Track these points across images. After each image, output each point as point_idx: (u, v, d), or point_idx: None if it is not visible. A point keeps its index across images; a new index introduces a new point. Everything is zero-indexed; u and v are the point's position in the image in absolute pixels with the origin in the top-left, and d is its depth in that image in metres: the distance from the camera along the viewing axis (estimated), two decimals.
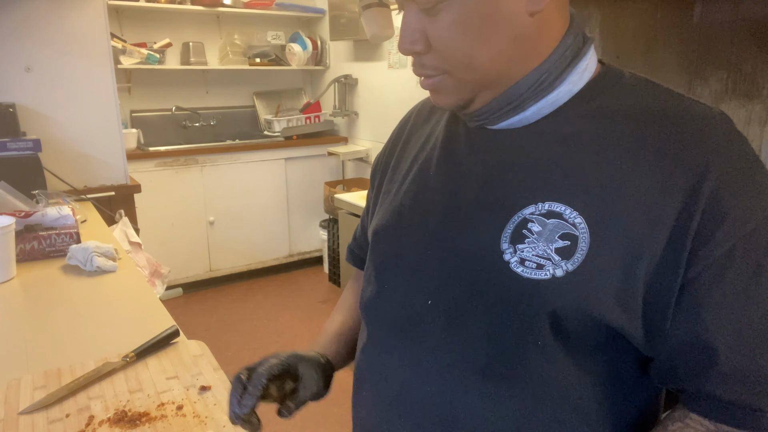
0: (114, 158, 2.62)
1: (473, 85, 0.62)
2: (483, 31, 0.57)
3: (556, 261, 0.57)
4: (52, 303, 1.40)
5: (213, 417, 0.87)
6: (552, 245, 0.57)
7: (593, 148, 0.59)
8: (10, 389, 0.96)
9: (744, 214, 0.54)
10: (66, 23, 2.42)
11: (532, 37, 0.59)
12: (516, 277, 0.58)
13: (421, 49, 0.60)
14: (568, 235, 0.57)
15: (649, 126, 0.59)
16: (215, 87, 4.43)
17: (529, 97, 0.62)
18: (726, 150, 0.56)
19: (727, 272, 0.54)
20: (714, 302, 0.54)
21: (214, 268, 4.02)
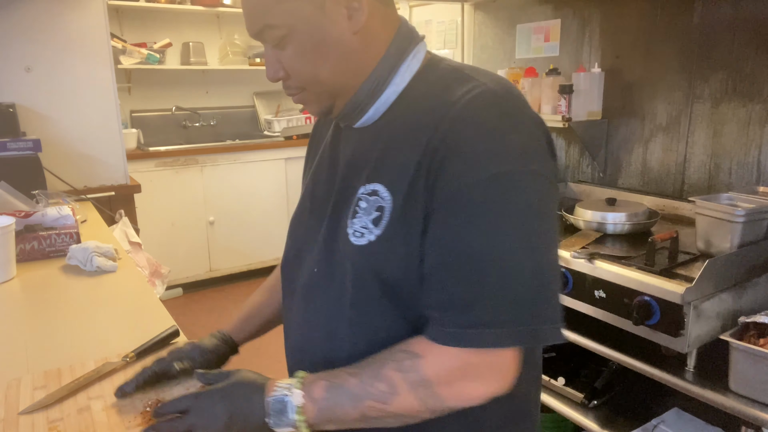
0: (114, 158, 2.62)
1: (326, 96, 0.77)
2: (319, 54, 0.73)
3: (370, 228, 0.73)
4: (52, 303, 1.40)
5: None
6: (370, 217, 0.73)
7: (397, 133, 0.74)
8: (10, 389, 0.96)
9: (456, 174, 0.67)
10: (66, 23, 2.42)
11: (359, 50, 0.74)
12: (351, 244, 0.74)
13: (282, 75, 0.76)
14: (380, 207, 0.72)
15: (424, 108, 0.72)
16: (215, 87, 4.43)
17: (367, 101, 0.77)
18: (459, 119, 0.68)
19: (444, 217, 0.68)
20: (433, 241, 0.69)
21: (214, 268, 4.02)
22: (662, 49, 2.00)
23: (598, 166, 2.29)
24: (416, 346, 0.71)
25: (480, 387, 0.69)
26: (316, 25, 0.71)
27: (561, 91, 2.10)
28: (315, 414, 0.71)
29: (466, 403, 0.70)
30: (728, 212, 1.46)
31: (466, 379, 0.69)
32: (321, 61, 0.74)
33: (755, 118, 1.77)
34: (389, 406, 0.69)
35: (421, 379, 0.68)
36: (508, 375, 0.69)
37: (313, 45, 0.73)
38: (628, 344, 1.55)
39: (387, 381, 0.69)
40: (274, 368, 2.90)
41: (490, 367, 0.69)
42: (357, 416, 0.71)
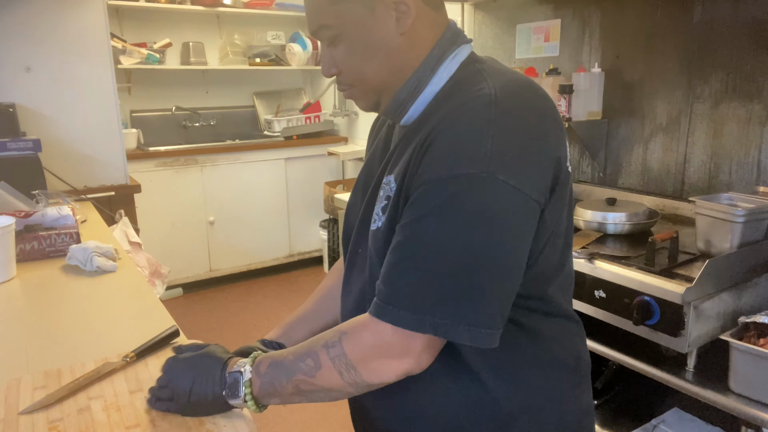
0: (114, 158, 2.62)
1: (373, 93, 0.83)
2: (366, 53, 0.79)
3: (380, 215, 0.79)
4: (52, 303, 1.40)
5: (213, 417, 0.87)
6: (381, 205, 0.79)
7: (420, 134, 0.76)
8: (10, 389, 0.96)
9: (425, 170, 0.71)
10: (66, 23, 2.42)
11: (404, 50, 0.79)
12: (369, 229, 0.82)
13: (335, 71, 0.83)
14: (388, 197, 0.78)
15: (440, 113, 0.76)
16: (215, 87, 4.43)
17: (408, 100, 0.82)
18: (447, 119, 0.72)
19: (408, 207, 0.73)
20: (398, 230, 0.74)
21: (214, 268, 4.02)
22: (662, 49, 2.00)
23: (598, 166, 2.29)
24: (347, 324, 0.77)
25: (392, 365, 0.73)
26: (365, 26, 0.77)
27: (561, 91, 2.10)
28: (258, 388, 0.79)
29: (380, 380, 0.75)
30: (728, 212, 1.46)
31: (380, 356, 0.74)
32: (369, 59, 0.79)
33: (755, 118, 1.77)
34: (316, 379, 0.76)
35: (341, 354, 0.74)
36: (420, 359, 0.73)
37: (363, 45, 0.78)
38: (628, 344, 1.55)
39: (314, 357, 0.76)
40: None
41: (403, 348, 0.72)
42: (291, 390, 0.78)
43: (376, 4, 0.76)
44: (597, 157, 2.27)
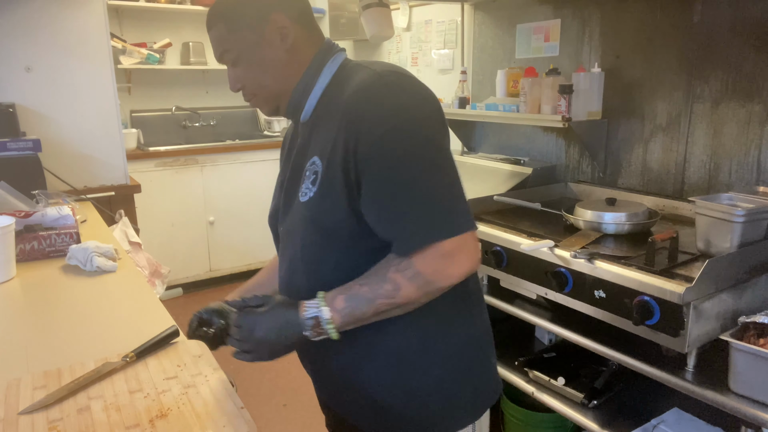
0: (114, 158, 2.62)
1: (272, 99, 1.05)
2: (261, 68, 1.01)
3: (311, 188, 0.98)
4: (52, 303, 1.40)
5: (213, 417, 0.87)
6: (309, 180, 0.98)
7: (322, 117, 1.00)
8: (10, 389, 0.96)
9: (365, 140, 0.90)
10: (66, 23, 2.42)
11: (291, 62, 1.02)
12: (300, 202, 1.00)
13: (239, 87, 1.04)
14: (315, 172, 0.97)
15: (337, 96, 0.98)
16: (215, 87, 4.43)
17: (301, 99, 1.03)
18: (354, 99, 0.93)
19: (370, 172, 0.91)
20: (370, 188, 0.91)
21: (214, 268, 4.02)
22: (662, 49, 2.00)
23: (598, 166, 2.29)
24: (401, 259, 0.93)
25: (457, 266, 0.92)
26: (258, 47, 1.00)
27: (561, 91, 2.10)
28: (340, 320, 0.94)
29: (452, 281, 0.93)
30: (728, 212, 1.46)
31: (446, 263, 0.91)
32: (264, 72, 1.02)
33: (755, 118, 1.77)
34: (396, 299, 0.92)
35: (415, 272, 0.91)
36: (474, 253, 0.94)
37: (258, 62, 1.01)
38: (628, 344, 1.55)
39: (391, 281, 0.92)
40: (274, 367, 2.89)
41: (460, 250, 0.91)
42: (372, 313, 0.93)
43: (264, 30, 0.99)
44: (597, 157, 2.27)
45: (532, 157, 2.56)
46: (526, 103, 2.29)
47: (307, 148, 1.03)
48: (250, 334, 0.95)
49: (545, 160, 2.50)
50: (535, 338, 2.17)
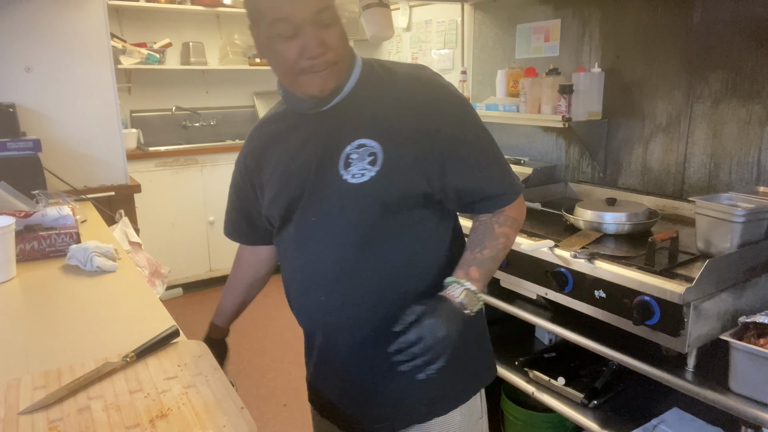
0: (114, 158, 2.62)
1: (342, 73, 1.01)
2: (345, 37, 0.99)
3: (367, 168, 0.99)
4: (52, 303, 1.40)
5: (213, 417, 0.87)
6: (364, 162, 1.00)
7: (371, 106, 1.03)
8: (10, 389, 0.96)
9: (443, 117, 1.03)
10: (66, 23, 2.42)
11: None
12: (348, 185, 1.00)
13: (324, 51, 0.95)
14: (373, 153, 1.00)
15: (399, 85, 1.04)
16: (215, 87, 4.43)
17: (342, 85, 1.03)
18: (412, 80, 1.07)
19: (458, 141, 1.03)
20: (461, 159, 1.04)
21: (214, 268, 4.02)
22: (662, 49, 2.00)
23: (598, 166, 2.29)
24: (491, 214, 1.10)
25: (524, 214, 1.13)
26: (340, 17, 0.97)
27: (561, 91, 2.10)
28: (481, 286, 1.04)
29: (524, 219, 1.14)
30: (728, 212, 1.46)
31: (523, 202, 1.12)
32: (346, 42, 0.99)
33: (755, 118, 1.77)
34: (508, 247, 1.09)
35: (513, 219, 1.09)
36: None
37: (342, 29, 0.98)
38: (628, 344, 1.55)
39: (503, 236, 1.07)
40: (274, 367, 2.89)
41: (522, 202, 1.13)
42: (496, 267, 1.08)
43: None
44: (597, 157, 2.27)
45: (532, 157, 2.56)
46: (526, 103, 2.29)
47: (341, 133, 1.02)
48: (435, 339, 0.96)
49: (545, 160, 2.50)
50: (535, 338, 2.18)
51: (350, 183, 1.00)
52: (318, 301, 1.10)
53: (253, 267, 1.42)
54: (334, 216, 1.03)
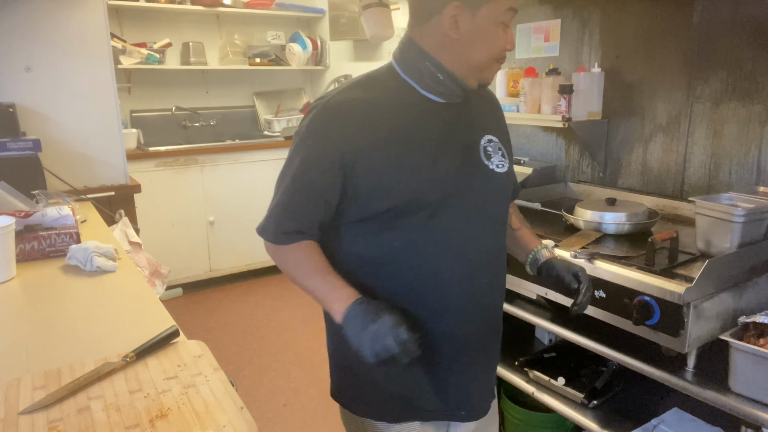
0: (114, 158, 2.62)
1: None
2: None
3: (502, 161, 1.15)
4: (52, 303, 1.40)
5: (213, 417, 0.87)
6: (498, 154, 1.15)
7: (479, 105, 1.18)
8: (10, 389, 0.96)
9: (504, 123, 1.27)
10: (66, 23, 2.42)
11: None
12: (497, 174, 1.13)
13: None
14: (499, 148, 1.16)
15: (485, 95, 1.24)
16: (215, 87, 4.43)
17: None
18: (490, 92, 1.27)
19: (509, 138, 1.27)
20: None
21: (214, 268, 4.02)
22: (662, 49, 2.00)
23: (598, 166, 2.29)
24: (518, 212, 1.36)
25: None
26: None
27: (561, 91, 2.09)
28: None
29: None
30: (728, 212, 1.46)
31: None
32: None
33: (755, 118, 1.77)
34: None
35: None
36: None
37: None
38: (628, 344, 1.55)
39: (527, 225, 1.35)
40: (274, 367, 2.89)
41: None
42: None
43: None
44: (597, 157, 2.27)
45: (532, 157, 2.56)
46: (526, 103, 2.29)
47: (472, 127, 1.13)
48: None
49: (545, 160, 2.50)
50: (535, 338, 2.17)
51: (497, 172, 1.12)
52: (481, 283, 1.13)
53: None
54: (488, 203, 1.12)
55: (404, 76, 1.08)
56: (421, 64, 1.05)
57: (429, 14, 1.02)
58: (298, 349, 3.12)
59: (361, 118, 1.02)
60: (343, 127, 1.02)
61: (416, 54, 1.06)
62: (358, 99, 1.04)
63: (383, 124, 1.04)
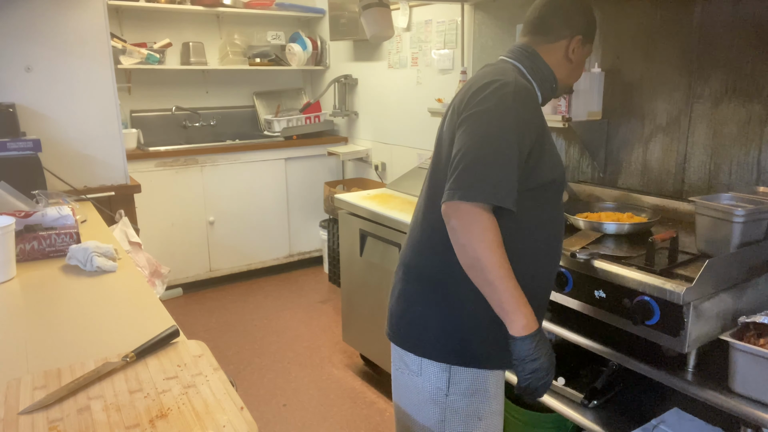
0: (114, 158, 2.62)
1: None
2: None
3: None
4: (52, 303, 1.40)
5: (213, 417, 0.87)
6: None
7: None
8: (10, 389, 0.96)
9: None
10: (66, 23, 2.42)
11: None
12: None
13: None
14: None
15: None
16: (215, 87, 4.43)
17: None
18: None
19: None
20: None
21: (214, 268, 4.02)
22: (662, 49, 2.00)
23: (598, 166, 2.29)
24: None
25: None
26: None
27: None
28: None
29: None
30: (728, 212, 1.46)
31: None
32: None
33: (755, 118, 1.77)
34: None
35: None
36: None
37: None
38: (628, 344, 1.55)
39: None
40: (274, 367, 2.90)
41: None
42: None
43: None
44: (597, 157, 2.27)
45: None
46: None
47: None
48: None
49: None
50: None
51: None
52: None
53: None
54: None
55: (530, 77, 1.28)
56: (544, 74, 1.30)
57: (557, 37, 1.29)
58: (298, 349, 3.12)
59: (537, 103, 1.24)
60: (537, 107, 1.22)
61: (542, 65, 1.30)
62: (531, 88, 1.24)
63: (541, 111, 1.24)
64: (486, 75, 1.20)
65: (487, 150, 1.09)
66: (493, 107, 1.12)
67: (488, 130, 1.11)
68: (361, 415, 2.49)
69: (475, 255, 1.08)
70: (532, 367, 1.12)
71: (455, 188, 1.08)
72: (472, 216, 1.07)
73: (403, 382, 1.30)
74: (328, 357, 3.03)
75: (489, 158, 1.09)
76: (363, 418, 2.46)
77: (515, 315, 1.10)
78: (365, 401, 2.60)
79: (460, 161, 1.10)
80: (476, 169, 1.08)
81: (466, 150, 1.10)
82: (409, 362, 1.27)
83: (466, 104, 1.17)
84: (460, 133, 1.14)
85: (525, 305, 1.11)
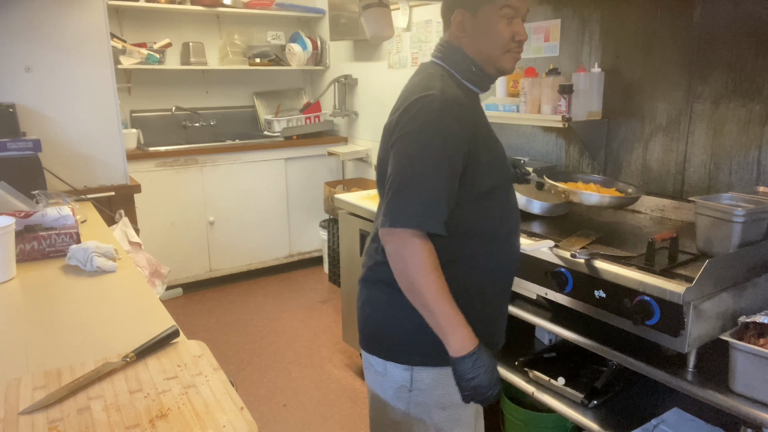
0: (114, 158, 2.62)
1: None
2: None
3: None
4: (52, 303, 1.40)
5: (213, 417, 0.87)
6: None
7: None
8: (10, 389, 0.96)
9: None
10: (66, 23, 2.42)
11: None
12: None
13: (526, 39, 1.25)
14: None
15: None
16: (215, 87, 4.43)
17: None
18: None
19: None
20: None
21: (214, 268, 4.02)
22: (662, 49, 2.00)
23: (598, 166, 2.29)
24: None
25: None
26: None
27: (561, 91, 2.10)
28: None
29: None
30: (728, 212, 1.46)
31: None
32: None
33: (755, 118, 1.77)
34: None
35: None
36: None
37: None
38: (628, 344, 1.55)
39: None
40: (274, 367, 2.90)
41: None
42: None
43: None
44: (597, 157, 2.27)
45: (532, 157, 2.56)
46: (526, 103, 2.29)
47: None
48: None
49: (545, 160, 2.50)
50: (535, 338, 2.17)
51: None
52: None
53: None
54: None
55: (455, 73, 1.26)
56: (460, 60, 1.26)
57: (449, 21, 1.27)
58: (298, 349, 3.12)
59: (470, 112, 1.22)
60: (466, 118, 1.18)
61: (455, 53, 1.27)
62: (459, 96, 1.20)
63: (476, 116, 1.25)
64: (414, 89, 1.20)
65: (414, 174, 1.11)
66: (419, 128, 1.13)
67: (416, 153, 1.12)
68: (361, 415, 2.49)
69: (409, 280, 1.13)
70: (470, 384, 1.14)
71: (386, 214, 1.12)
72: (403, 241, 1.11)
73: (370, 380, 1.38)
74: (328, 357, 3.03)
75: (416, 182, 1.11)
76: (363, 418, 2.46)
77: (451, 336, 1.13)
78: (365, 401, 2.60)
79: (390, 186, 1.14)
80: (404, 194, 1.11)
81: (395, 174, 1.13)
82: (374, 363, 1.33)
83: (395, 125, 1.19)
84: (392, 155, 1.17)
85: (460, 326, 1.13)
